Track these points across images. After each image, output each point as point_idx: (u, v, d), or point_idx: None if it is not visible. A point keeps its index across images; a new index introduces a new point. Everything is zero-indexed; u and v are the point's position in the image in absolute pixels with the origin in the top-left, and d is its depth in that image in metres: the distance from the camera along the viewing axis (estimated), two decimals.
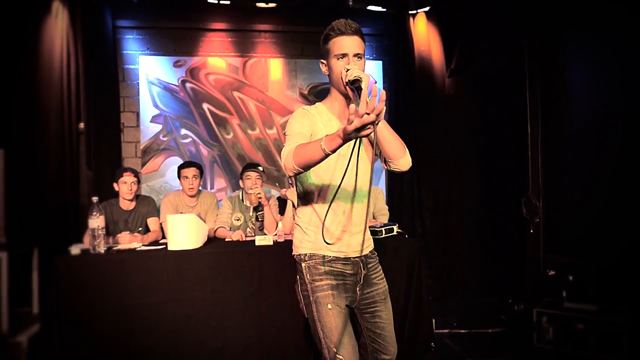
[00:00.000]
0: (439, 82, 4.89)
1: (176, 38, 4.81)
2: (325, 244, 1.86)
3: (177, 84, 4.81)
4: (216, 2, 4.52)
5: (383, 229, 3.29)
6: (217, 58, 4.88)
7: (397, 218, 4.76)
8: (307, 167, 1.69)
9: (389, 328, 2.01)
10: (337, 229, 1.91)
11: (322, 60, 1.92)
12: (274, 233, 3.55)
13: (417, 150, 4.83)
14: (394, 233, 3.36)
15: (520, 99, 4.12)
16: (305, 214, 1.96)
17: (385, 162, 1.90)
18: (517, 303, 3.82)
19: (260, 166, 3.76)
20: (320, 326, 1.85)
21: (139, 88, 4.76)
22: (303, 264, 1.93)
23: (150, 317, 2.87)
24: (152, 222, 3.59)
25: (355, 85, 1.64)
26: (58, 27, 4.26)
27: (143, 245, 3.20)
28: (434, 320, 3.29)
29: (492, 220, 4.58)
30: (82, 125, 4.39)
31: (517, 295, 3.94)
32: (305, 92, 5.05)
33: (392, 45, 4.99)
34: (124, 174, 3.47)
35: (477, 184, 4.76)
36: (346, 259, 1.92)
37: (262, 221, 3.69)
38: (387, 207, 3.95)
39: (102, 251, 2.94)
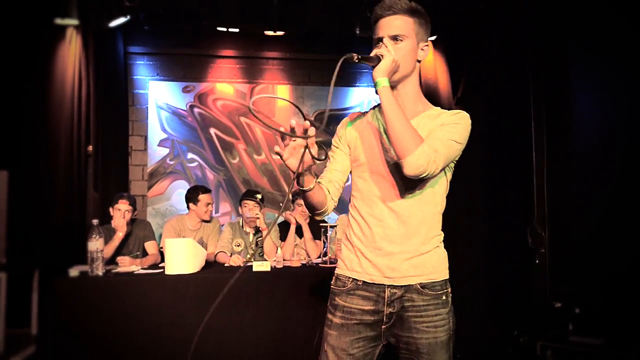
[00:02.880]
0: (445, 109, 4.88)
1: (186, 64, 4.90)
2: (352, 263, 1.58)
3: (186, 109, 4.89)
4: (225, 30, 4.61)
5: None
6: (225, 84, 4.96)
7: None
8: (318, 210, 1.60)
9: None
10: (366, 243, 1.56)
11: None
12: (273, 259, 3.54)
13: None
14: None
15: (526, 126, 4.10)
16: (347, 225, 1.67)
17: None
18: (522, 335, 3.73)
19: (259, 194, 3.77)
20: None
21: (147, 112, 4.84)
22: (331, 286, 1.65)
23: (146, 341, 2.86)
24: (149, 246, 3.61)
25: (348, 60, 1.47)
26: (71, 52, 4.38)
27: (141, 268, 3.21)
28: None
29: (498, 250, 4.50)
30: (90, 147, 4.47)
31: (522, 327, 3.84)
32: (312, 119, 5.09)
33: None
34: (120, 200, 3.49)
35: (483, 213, 4.70)
36: (371, 285, 1.54)
37: (262, 247, 3.68)
38: None
39: (101, 274, 2.95)
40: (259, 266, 3.10)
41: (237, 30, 4.68)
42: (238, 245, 3.76)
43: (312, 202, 1.56)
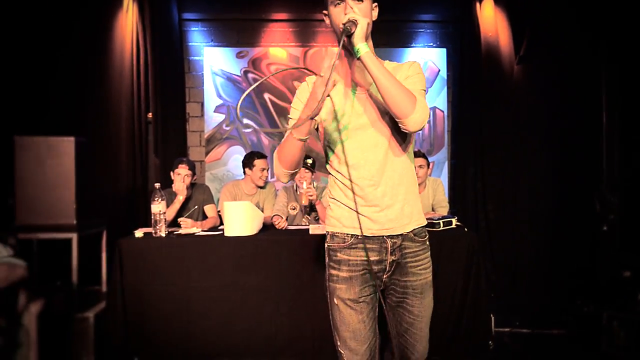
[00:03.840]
0: (506, 70, 4.65)
1: (239, 29, 4.90)
2: (350, 221, 1.65)
3: (240, 75, 4.91)
4: None
5: (441, 221, 3.20)
6: (278, 48, 4.92)
7: (459, 211, 4.61)
8: (294, 164, 1.62)
9: (419, 325, 1.71)
10: (361, 201, 1.64)
11: (324, 11, 1.64)
12: None
13: (482, 141, 4.64)
14: (453, 226, 3.25)
15: (594, 87, 3.84)
16: (331, 187, 1.74)
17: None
18: (586, 304, 3.58)
19: (310, 158, 3.75)
20: (330, 315, 1.71)
21: (203, 79, 4.90)
22: (325, 244, 1.74)
23: (206, 300, 2.96)
24: (209, 209, 3.69)
25: (347, 32, 1.47)
26: (129, 21, 4.47)
27: (202, 230, 3.30)
28: (493, 317, 3.16)
29: (562, 215, 4.32)
30: (150, 115, 4.60)
31: (586, 296, 3.69)
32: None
33: (457, 31, 4.81)
34: (179, 165, 3.56)
35: (546, 177, 4.50)
36: (374, 238, 1.64)
37: (317, 212, 3.69)
38: (447, 199, 3.83)
39: (163, 235, 3.06)
40: (315, 229, 3.12)
41: None
42: (294, 209, 3.79)
43: (297, 155, 1.60)
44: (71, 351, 2.82)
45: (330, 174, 1.75)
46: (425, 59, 4.96)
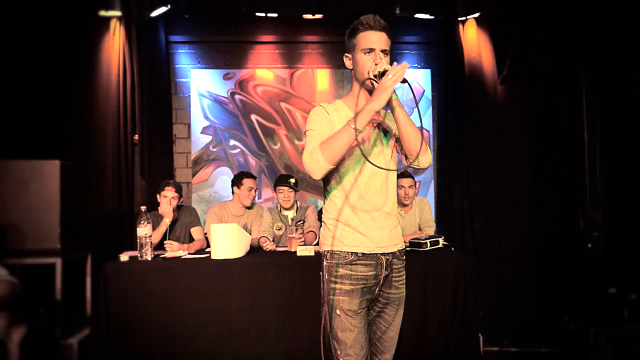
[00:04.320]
0: (490, 89, 4.73)
1: (226, 51, 4.93)
2: (349, 240, 1.85)
3: (227, 96, 4.93)
4: (264, 15, 4.61)
5: (428, 241, 3.21)
6: (265, 70, 4.96)
7: (446, 230, 4.63)
8: (337, 158, 1.73)
9: (390, 334, 1.95)
10: (363, 224, 1.86)
11: (347, 55, 1.89)
12: (315, 242, 3.54)
13: (467, 160, 4.70)
14: (440, 245, 3.27)
15: (576, 105, 3.92)
16: (329, 209, 1.93)
17: (406, 157, 1.90)
18: (573, 321, 3.61)
19: (293, 178, 3.76)
20: (330, 327, 1.86)
21: (190, 100, 4.91)
22: (324, 262, 1.91)
23: (193, 324, 2.92)
24: (195, 232, 3.67)
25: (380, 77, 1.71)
26: (115, 43, 4.49)
27: (188, 253, 3.28)
28: (481, 336, 3.16)
29: (548, 233, 4.36)
30: (137, 136, 4.59)
31: (573, 313, 3.72)
32: None
33: (441, 52, 4.89)
34: (166, 187, 3.53)
35: (531, 195, 4.55)
36: (371, 255, 1.86)
37: (303, 231, 3.69)
38: (433, 219, 3.85)
39: (149, 258, 3.03)
40: (303, 251, 3.11)
41: (275, 15, 4.67)
42: (279, 229, 3.78)
43: (345, 149, 1.74)
44: None
45: (329, 194, 1.94)
46: (410, 80, 5.02)
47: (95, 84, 4.36)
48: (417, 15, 4.68)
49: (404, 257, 2.00)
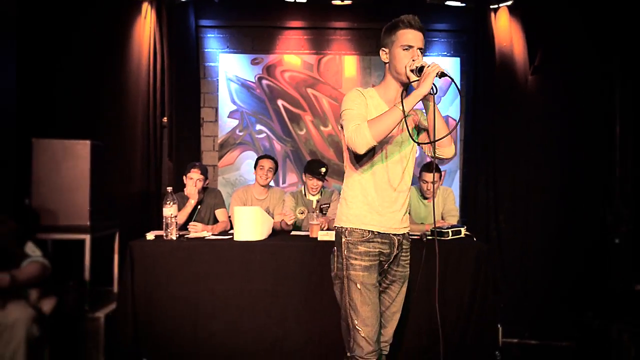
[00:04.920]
0: (520, 79, 4.63)
1: (254, 36, 4.96)
2: (368, 219, 2.02)
3: (254, 81, 4.97)
4: (293, 0, 4.60)
5: (450, 230, 3.21)
6: (292, 55, 4.97)
7: (470, 220, 4.59)
8: (383, 135, 1.88)
9: (393, 310, 2.15)
10: (382, 205, 2.04)
11: (384, 49, 2.04)
12: None
13: (494, 150, 4.62)
14: (462, 235, 3.26)
15: (609, 97, 3.81)
16: (352, 187, 2.09)
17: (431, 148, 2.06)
18: (596, 317, 3.55)
19: (324, 167, 3.78)
20: (347, 300, 2.02)
21: (218, 85, 4.97)
22: (343, 239, 2.05)
23: (215, 303, 3.00)
24: (220, 213, 3.74)
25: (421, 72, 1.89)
26: (146, 27, 4.56)
27: (212, 234, 3.35)
28: (500, 327, 3.15)
29: (575, 226, 4.28)
30: (165, 119, 4.67)
31: (597, 309, 3.65)
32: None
33: (471, 41, 4.80)
34: (192, 169, 3.61)
35: (559, 187, 4.46)
36: (386, 235, 2.05)
37: (325, 214, 3.72)
38: (457, 209, 3.83)
39: (174, 238, 3.11)
40: (324, 235, 3.14)
41: (304, 0, 4.66)
42: (302, 213, 3.82)
43: (391, 129, 1.89)
44: (83, 349, 2.87)
45: (354, 173, 2.09)
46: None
47: (126, 66, 4.44)
48: (448, 3, 4.60)
49: (410, 240, 2.23)
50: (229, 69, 4.95)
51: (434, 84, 1.86)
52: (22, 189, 3.10)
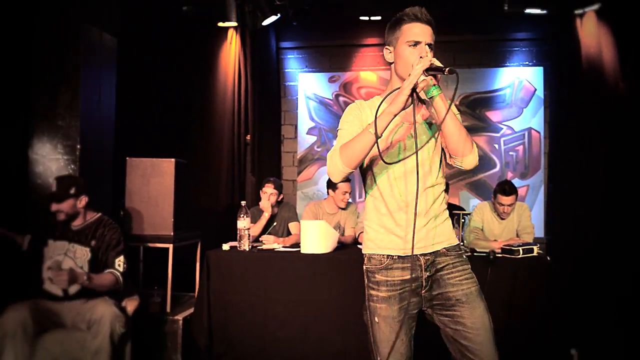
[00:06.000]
0: (610, 88, 4.32)
1: (332, 55, 5.14)
2: (384, 242, 1.75)
3: (331, 98, 5.13)
4: (367, 18, 4.72)
5: (521, 248, 3.09)
6: (368, 72, 5.07)
7: (555, 238, 4.36)
8: (355, 162, 1.65)
9: (479, 340, 1.67)
10: (399, 226, 1.74)
11: (388, 47, 1.76)
12: None
13: (582, 164, 4.35)
14: (534, 254, 3.12)
15: None
16: (367, 210, 1.85)
17: (450, 156, 1.74)
18: None
19: None
20: (370, 333, 1.78)
21: (297, 103, 5.20)
22: (364, 267, 1.83)
23: (282, 312, 3.15)
24: (292, 227, 3.90)
25: (432, 72, 1.56)
26: (232, 51, 4.92)
27: (283, 246, 3.52)
28: (576, 353, 2.96)
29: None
30: (249, 137, 4.98)
31: None
32: (456, 103, 4.93)
33: (555, 49, 4.59)
34: (266, 184, 3.82)
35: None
36: (406, 258, 1.72)
37: None
38: (533, 226, 3.66)
39: (247, 249, 3.31)
40: None
41: (379, 18, 4.75)
42: None
43: (365, 154, 1.65)
44: (163, 348, 3.16)
45: (366, 195, 1.85)
46: (521, 78, 4.79)
47: (214, 89, 4.82)
48: (528, 11, 4.44)
49: (460, 252, 1.80)
50: (307, 87, 5.17)
51: (435, 81, 1.56)
52: (118, 202, 3.49)
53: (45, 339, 2.53)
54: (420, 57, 1.60)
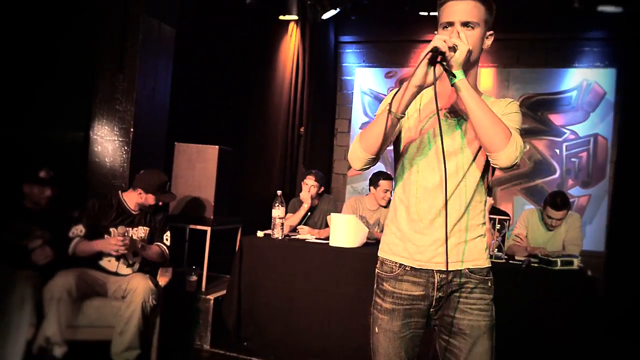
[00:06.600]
0: None
1: (390, 50, 5.09)
2: (398, 248, 1.55)
3: (386, 94, 5.08)
4: (426, 14, 4.61)
5: (559, 259, 2.92)
6: None
7: (616, 254, 4.05)
8: (375, 146, 1.44)
9: None
10: (416, 230, 1.53)
11: (435, 32, 1.51)
12: None
13: None
14: (574, 267, 2.93)
15: None
16: (390, 208, 1.65)
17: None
18: None
19: None
20: (370, 340, 1.62)
21: (352, 97, 5.21)
22: (376, 270, 1.64)
23: (307, 302, 3.22)
24: (330, 219, 3.93)
25: (439, 54, 1.34)
26: (291, 44, 5.02)
27: (317, 238, 3.57)
28: None
29: None
30: (302, 129, 5.07)
31: None
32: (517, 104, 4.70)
33: (631, 49, 4.22)
34: (307, 176, 3.89)
35: None
36: (420, 271, 1.51)
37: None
38: (581, 238, 3.44)
39: (279, 237, 3.40)
40: None
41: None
42: None
43: (384, 136, 1.42)
44: (195, 325, 3.33)
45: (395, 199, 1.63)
46: (589, 80, 4.46)
47: (272, 80, 4.95)
48: (601, 8, 4.12)
49: (486, 278, 1.54)
50: (363, 82, 5.16)
51: (444, 66, 1.36)
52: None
53: (85, 304, 2.77)
54: (444, 41, 1.34)
